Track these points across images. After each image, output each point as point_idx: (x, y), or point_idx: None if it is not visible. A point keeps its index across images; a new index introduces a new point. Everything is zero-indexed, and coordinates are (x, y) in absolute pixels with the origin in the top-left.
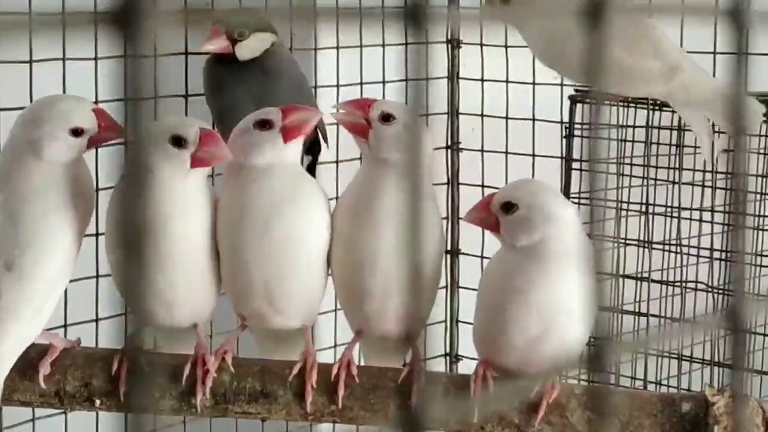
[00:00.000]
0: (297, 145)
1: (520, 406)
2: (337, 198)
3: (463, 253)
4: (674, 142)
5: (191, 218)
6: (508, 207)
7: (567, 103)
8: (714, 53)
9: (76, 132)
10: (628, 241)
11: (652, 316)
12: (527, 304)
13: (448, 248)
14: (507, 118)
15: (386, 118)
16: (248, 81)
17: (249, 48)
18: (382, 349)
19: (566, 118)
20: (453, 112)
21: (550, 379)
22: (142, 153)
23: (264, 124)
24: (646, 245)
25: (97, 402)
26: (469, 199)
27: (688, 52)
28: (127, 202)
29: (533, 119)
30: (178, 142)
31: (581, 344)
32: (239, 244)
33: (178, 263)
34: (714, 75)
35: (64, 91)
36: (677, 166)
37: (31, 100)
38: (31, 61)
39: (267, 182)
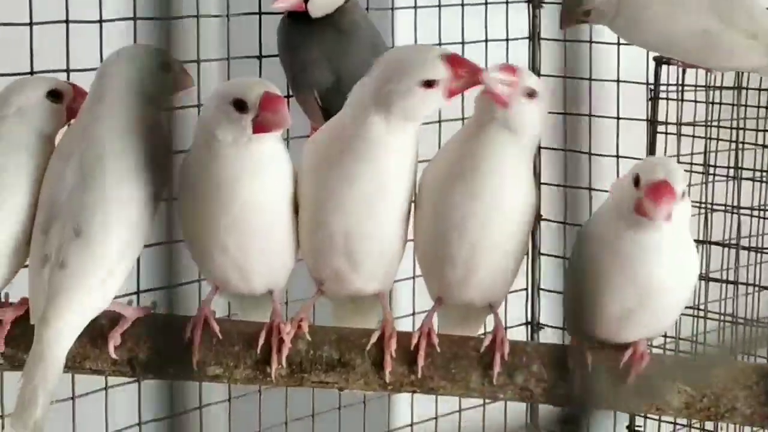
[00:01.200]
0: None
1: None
2: None
3: (545, 219)
4: (764, 104)
5: (261, 183)
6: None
7: (652, 65)
8: None
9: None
10: (715, 207)
11: (741, 284)
12: (628, 275)
13: None
14: (590, 79)
15: (531, 93)
16: (322, 40)
17: (321, 4)
18: (462, 317)
19: (651, 80)
20: (534, 74)
21: (639, 349)
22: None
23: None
24: (735, 210)
25: (170, 371)
26: (552, 163)
27: None
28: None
29: (617, 81)
30: (240, 105)
31: (675, 314)
32: (322, 197)
33: (249, 228)
34: None
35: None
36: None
37: None
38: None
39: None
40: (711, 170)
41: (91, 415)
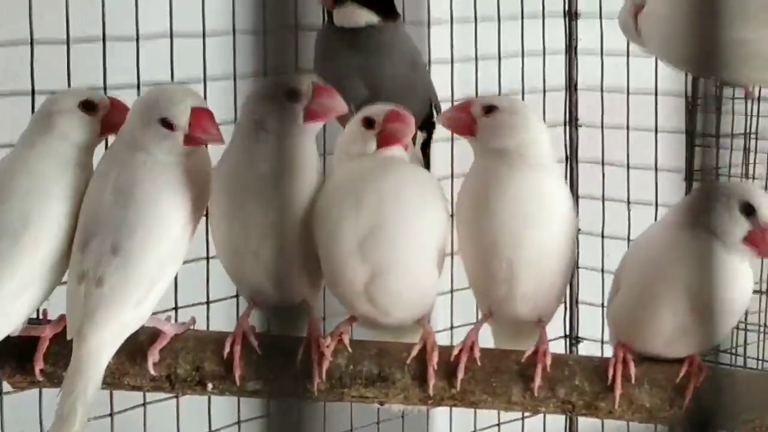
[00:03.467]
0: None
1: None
2: (452, 175)
3: (583, 232)
4: None
5: (300, 183)
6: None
7: (690, 76)
8: None
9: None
10: None
11: None
12: (683, 290)
13: None
14: (628, 92)
15: (488, 110)
16: (359, 54)
17: (343, 18)
18: (514, 331)
19: (690, 91)
20: (571, 87)
21: (696, 362)
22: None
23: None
24: None
25: (209, 386)
26: (589, 176)
27: None
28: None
29: (655, 93)
30: (292, 95)
31: (729, 329)
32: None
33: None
34: None
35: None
36: None
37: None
38: None
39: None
40: (750, 182)
41: (130, 430)
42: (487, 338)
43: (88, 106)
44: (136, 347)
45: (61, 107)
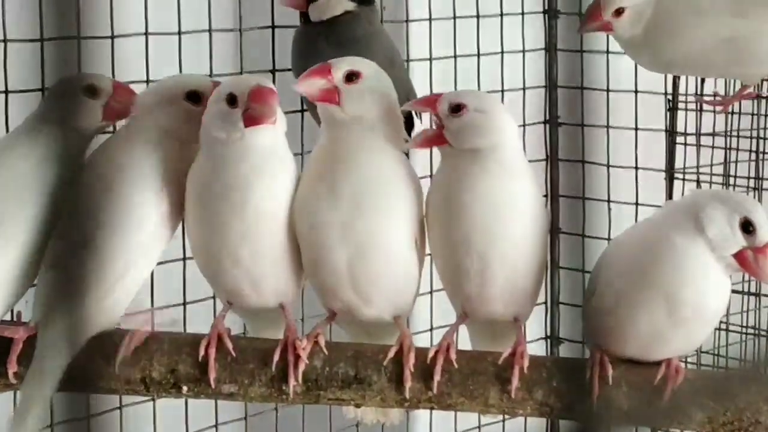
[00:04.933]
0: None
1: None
2: (431, 175)
3: (564, 232)
4: None
5: (268, 184)
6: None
7: (671, 75)
8: None
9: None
10: None
11: (764, 295)
12: (663, 293)
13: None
14: (608, 90)
15: (455, 109)
16: (336, 51)
17: (321, 8)
18: (490, 333)
19: (669, 90)
20: (551, 86)
21: (673, 364)
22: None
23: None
24: None
25: (184, 388)
26: (569, 175)
27: None
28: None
29: (635, 91)
30: (232, 100)
31: (708, 333)
32: (320, 229)
33: (258, 233)
34: None
35: None
36: None
37: None
38: None
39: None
40: (731, 181)
41: None
42: (465, 340)
43: (91, 91)
44: (110, 350)
45: (65, 92)
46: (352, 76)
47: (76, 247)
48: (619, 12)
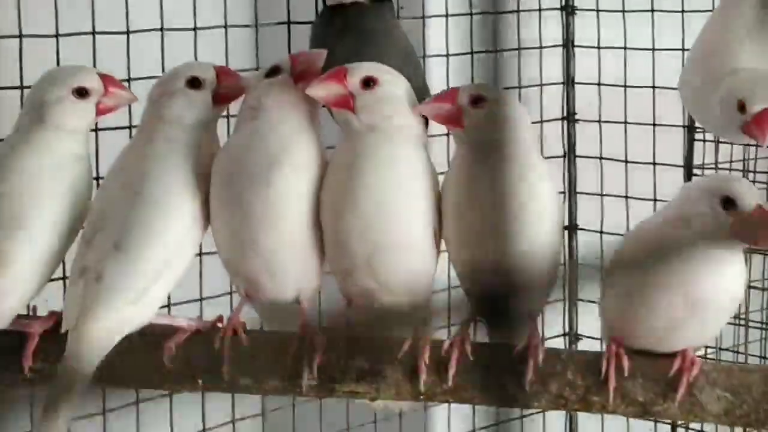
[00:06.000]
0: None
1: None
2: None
3: (582, 228)
4: None
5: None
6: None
7: None
8: None
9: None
10: None
11: None
12: (676, 285)
13: (566, 223)
14: (625, 86)
15: (476, 101)
16: (352, 44)
17: None
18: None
19: None
20: (568, 82)
21: (689, 355)
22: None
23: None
24: None
25: (200, 381)
26: (588, 172)
27: None
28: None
29: (653, 87)
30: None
31: (722, 324)
32: (340, 213)
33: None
34: None
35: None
36: None
37: None
38: None
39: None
40: (750, 176)
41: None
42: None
43: (80, 92)
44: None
45: (53, 93)
46: (368, 83)
47: (107, 253)
48: None
